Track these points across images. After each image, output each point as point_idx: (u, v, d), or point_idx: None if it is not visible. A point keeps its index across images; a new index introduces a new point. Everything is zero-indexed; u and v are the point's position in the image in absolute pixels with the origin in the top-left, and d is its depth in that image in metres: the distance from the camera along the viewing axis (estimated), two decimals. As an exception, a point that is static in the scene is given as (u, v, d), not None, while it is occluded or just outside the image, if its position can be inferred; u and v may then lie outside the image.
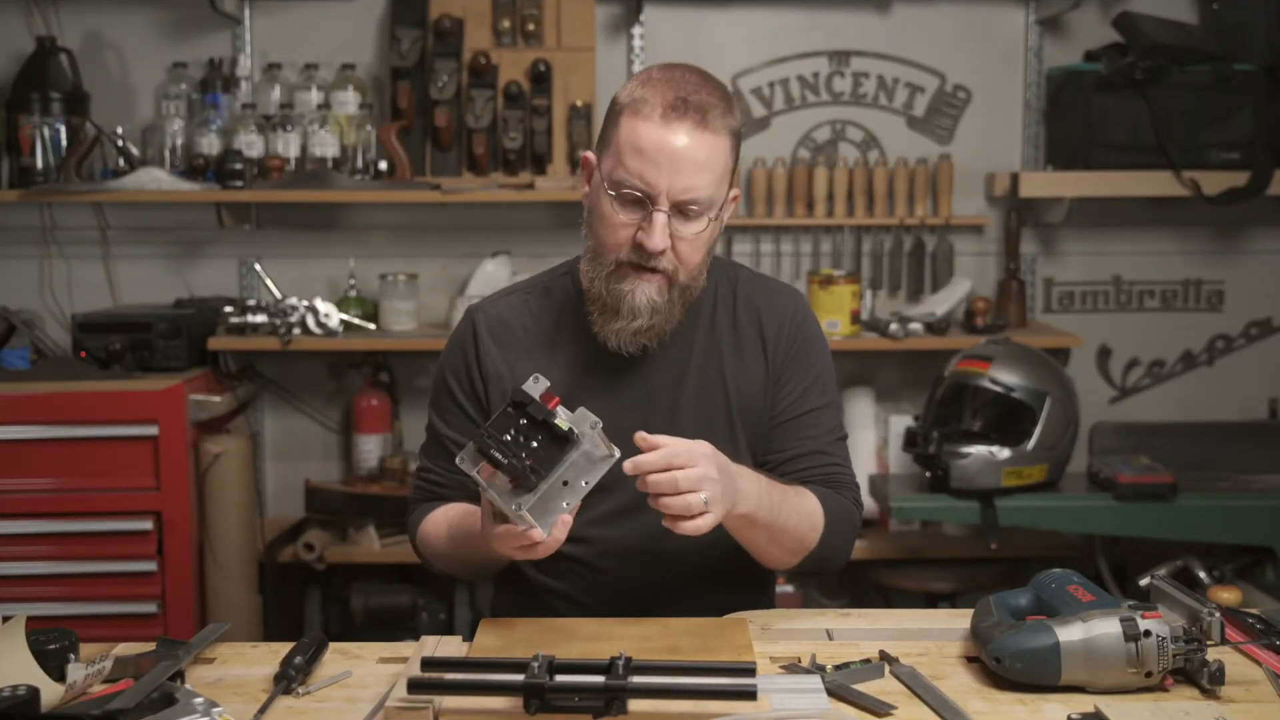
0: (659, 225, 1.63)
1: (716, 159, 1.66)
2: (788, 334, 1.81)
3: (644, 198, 1.63)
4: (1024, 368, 2.97)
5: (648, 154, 1.62)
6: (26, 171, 3.19)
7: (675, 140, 1.62)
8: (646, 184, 1.63)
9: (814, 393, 1.81)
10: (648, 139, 1.63)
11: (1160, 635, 1.38)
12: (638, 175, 1.63)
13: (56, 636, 1.43)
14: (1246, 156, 3.25)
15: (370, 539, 3.23)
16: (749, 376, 1.80)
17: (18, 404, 2.88)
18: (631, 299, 1.67)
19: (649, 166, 1.62)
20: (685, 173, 1.62)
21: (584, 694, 1.29)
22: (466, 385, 1.80)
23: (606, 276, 1.69)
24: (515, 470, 1.43)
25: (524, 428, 1.45)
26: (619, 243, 1.66)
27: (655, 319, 1.69)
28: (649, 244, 1.64)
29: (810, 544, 1.72)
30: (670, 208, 1.64)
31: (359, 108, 3.28)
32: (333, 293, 3.41)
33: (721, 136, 1.66)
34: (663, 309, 1.68)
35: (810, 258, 3.48)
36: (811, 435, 1.80)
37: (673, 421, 1.75)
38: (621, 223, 1.66)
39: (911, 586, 3.25)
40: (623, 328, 1.69)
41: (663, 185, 1.62)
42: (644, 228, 1.64)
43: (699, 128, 1.63)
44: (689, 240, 1.66)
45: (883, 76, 3.49)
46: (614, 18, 3.43)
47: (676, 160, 1.62)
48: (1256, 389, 3.55)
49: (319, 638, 1.54)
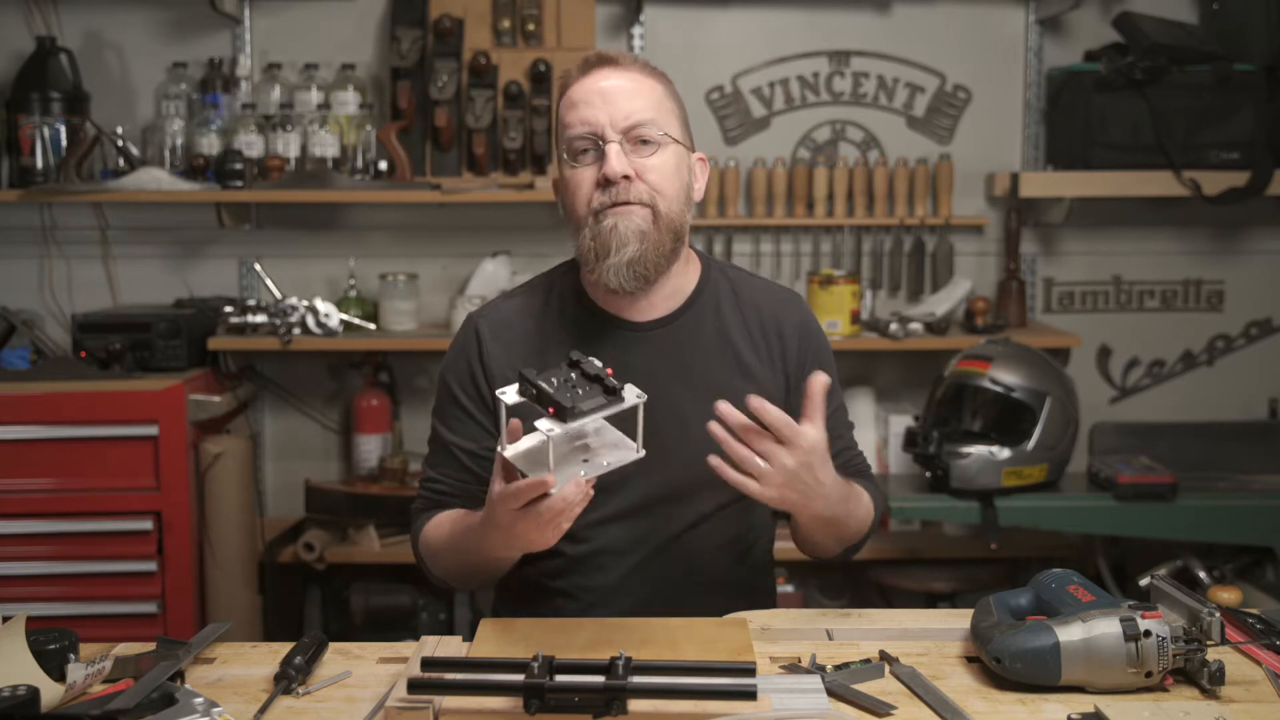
0: (613, 153, 1.68)
1: (646, 89, 1.72)
2: (803, 347, 1.83)
3: (592, 140, 1.69)
4: (1024, 368, 2.97)
5: (579, 102, 1.71)
6: (26, 171, 3.19)
7: (601, 81, 1.71)
8: (587, 124, 1.69)
9: (833, 397, 1.83)
10: (577, 92, 1.72)
11: (1160, 635, 1.38)
12: (580, 122, 1.70)
13: (56, 636, 1.43)
14: (1246, 156, 3.25)
15: (370, 539, 3.23)
16: (761, 383, 1.80)
17: (18, 404, 2.88)
18: (617, 231, 1.68)
19: (584, 109, 1.70)
20: (619, 101, 1.70)
21: (584, 694, 1.29)
22: (472, 390, 1.79)
23: (588, 230, 1.71)
24: (559, 398, 1.42)
25: (574, 379, 1.47)
26: (587, 193, 1.70)
27: (645, 246, 1.69)
28: (609, 170, 1.67)
29: (854, 540, 1.79)
30: (621, 139, 1.69)
31: (359, 108, 3.28)
32: (333, 293, 3.41)
33: (646, 77, 1.74)
34: (651, 236, 1.70)
35: (810, 258, 3.48)
36: (837, 436, 1.83)
37: (679, 416, 1.75)
38: (583, 176, 1.71)
39: (911, 586, 3.25)
40: (617, 262, 1.69)
41: (603, 119, 1.69)
42: (602, 165, 1.69)
43: (618, 68, 1.73)
44: (654, 168, 1.70)
45: (883, 76, 3.49)
46: (614, 18, 3.43)
47: (606, 95, 1.70)
48: (1256, 389, 3.55)
49: (319, 638, 1.53)
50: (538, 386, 1.44)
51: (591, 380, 1.47)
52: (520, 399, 1.47)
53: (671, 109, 1.75)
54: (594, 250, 1.70)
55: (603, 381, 1.46)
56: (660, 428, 1.75)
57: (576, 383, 1.46)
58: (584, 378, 1.47)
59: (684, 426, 1.75)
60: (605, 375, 1.47)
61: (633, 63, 1.74)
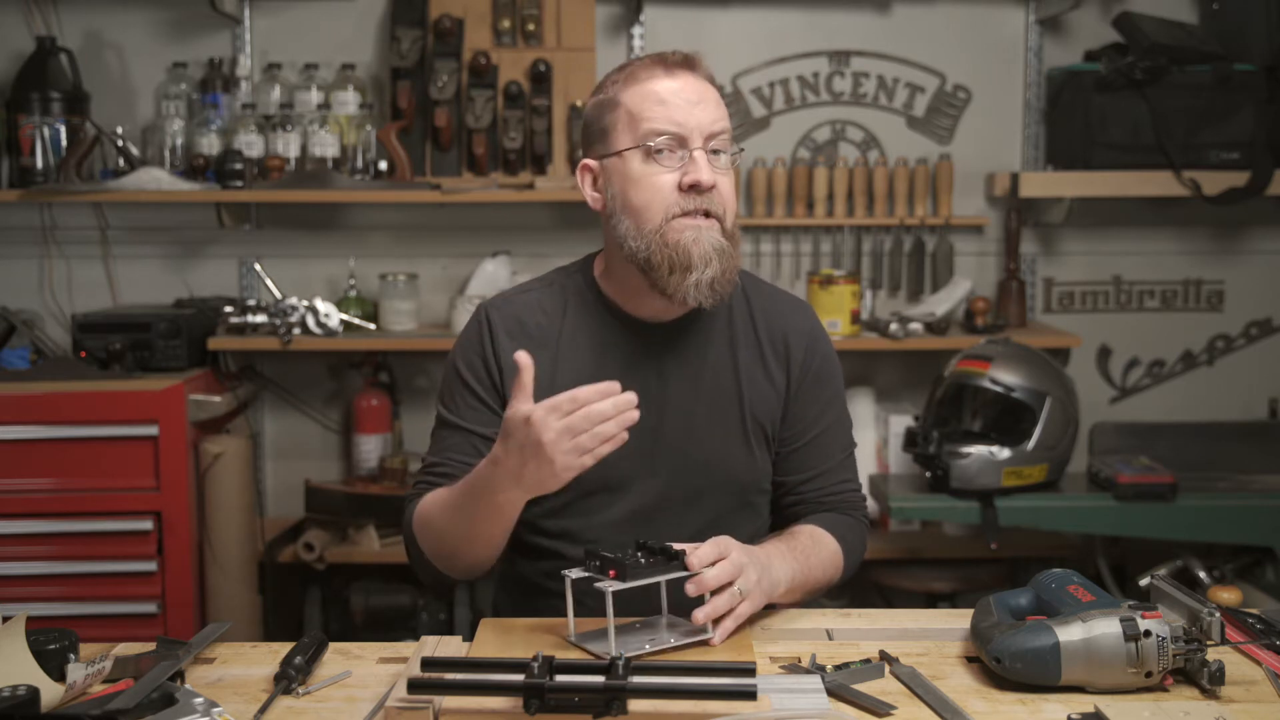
0: (702, 161, 1.66)
1: (719, 100, 1.72)
2: (809, 355, 1.82)
3: (679, 141, 1.67)
4: (1024, 368, 2.97)
5: (669, 101, 1.67)
6: (26, 171, 3.19)
7: (687, 85, 1.69)
8: (679, 125, 1.66)
9: (830, 411, 1.84)
10: (664, 89, 1.68)
11: (1160, 635, 1.38)
12: (668, 121, 1.66)
13: (56, 636, 1.43)
14: (1246, 156, 3.25)
15: (370, 539, 3.23)
16: (768, 388, 1.80)
17: (18, 404, 2.88)
18: (700, 246, 1.65)
19: (675, 110, 1.67)
20: (708, 107, 1.68)
21: (584, 694, 1.29)
22: (484, 375, 1.76)
23: (662, 236, 1.66)
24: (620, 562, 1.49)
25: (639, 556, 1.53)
26: (665, 196, 1.66)
27: (725, 264, 1.67)
28: (701, 179, 1.65)
29: (834, 580, 1.78)
30: (704, 145, 1.67)
31: (359, 108, 3.28)
32: (333, 293, 3.41)
33: (714, 87, 1.73)
34: (728, 253, 1.68)
35: (810, 258, 3.48)
36: (826, 455, 1.83)
37: (688, 419, 1.75)
38: (661, 175, 1.67)
39: (911, 586, 3.25)
40: (699, 279, 1.65)
41: (693, 122, 1.66)
42: (688, 170, 1.66)
43: (696, 75, 1.71)
44: (727, 183, 1.69)
45: (883, 76, 3.49)
46: (614, 18, 3.43)
47: (694, 100, 1.68)
48: (1256, 389, 3.55)
49: (319, 638, 1.53)
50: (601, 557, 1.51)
51: (655, 554, 1.52)
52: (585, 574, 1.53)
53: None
54: (668, 261, 1.66)
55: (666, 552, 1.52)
56: (669, 429, 1.75)
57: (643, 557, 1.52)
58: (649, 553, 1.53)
59: (691, 428, 1.76)
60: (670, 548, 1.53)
61: (700, 67, 1.73)
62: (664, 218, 1.66)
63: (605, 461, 1.70)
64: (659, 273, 1.67)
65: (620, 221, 1.71)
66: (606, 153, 1.72)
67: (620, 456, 1.71)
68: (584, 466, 1.47)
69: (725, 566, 1.52)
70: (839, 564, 1.78)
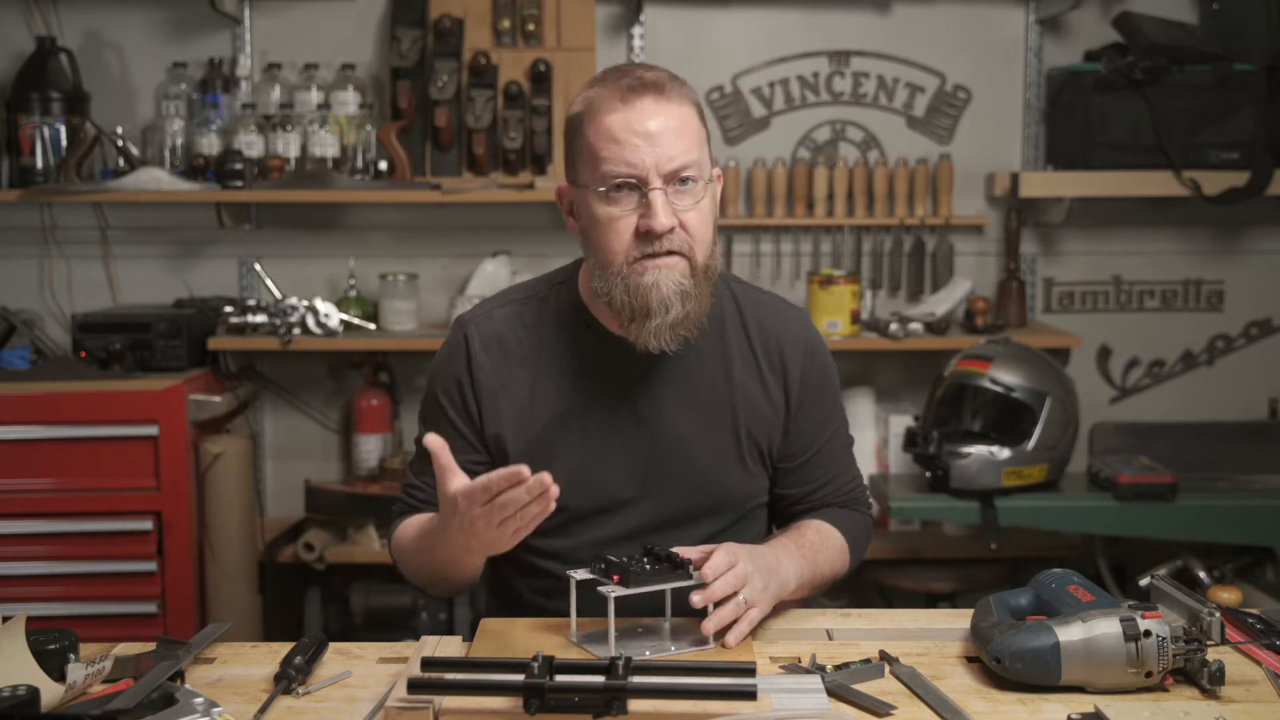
0: (659, 203, 1.58)
1: (688, 125, 1.62)
2: (806, 368, 1.79)
3: (635, 182, 1.59)
4: (1024, 368, 2.97)
5: (623, 139, 1.59)
6: (26, 171, 3.19)
7: (644, 116, 1.59)
8: (633, 166, 1.58)
9: (831, 422, 1.83)
10: (618, 125, 1.59)
11: (1160, 635, 1.38)
12: (622, 162, 1.58)
13: (56, 636, 1.43)
14: (1246, 156, 3.25)
15: (370, 539, 3.23)
16: (765, 404, 1.77)
17: (18, 404, 2.88)
18: (658, 290, 1.59)
19: (629, 150, 1.58)
20: (665, 143, 1.59)
21: (584, 694, 1.29)
22: (459, 402, 1.74)
23: (624, 280, 1.61)
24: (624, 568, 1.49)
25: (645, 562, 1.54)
26: (624, 240, 1.60)
27: (689, 305, 1.61)
28: (656, 224, 1.58)
29: (841, 574, 1.78)
30: (663, 182, 1.59)
31: (359, 108, 3.28)
32: (333, 293, 3.41)
33: (684, 105, 1.63)
34: (693, 293, 1.61)
35: (810, 258, 3.48)
36: (830, 465, 1.82)
37: (680, 441, 1.73)
38: (619, 219, 1.60)
39: (911, 586, 3.25)
40: (659, 324, 1.60)
41: (649, 162, 1.58)
42: (644, 213, 1.59)
43: (660, 98, 1.61)
44: (694, 212, 1.61)
45: (883, 76, 3.49)
46: (614, 18, 3.43)
47: (652, 135, 1.58)
48: (1256, 389, 3.55)
49: (319, 638, 1.53)
50: (607, 561, 1.51)
51: (661, 561, 1.52)
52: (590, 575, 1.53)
53: (704, 136, 1.65)
54: (629, 306, 1.61)
55: (672, 560, 1.52)
56: (662, 450, 1.73)
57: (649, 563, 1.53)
58: (655, 559, 1.53)
59: (686, 449, 1.73)
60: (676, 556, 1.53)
61: (670, 82, 1.62)
62: (624, 260, 1.61)
63: (597, 486, 1.71)
64: (623, 316, 1.63)
65: (589, 256, 1.68)
66: (575, 180, 1.67)
67: (613, 481, 1.72)
68: (521, 536, 1.47)
69: (729, 578, 1.51)
70: (845, 559, 1.78)
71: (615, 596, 1.46)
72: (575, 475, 1.67)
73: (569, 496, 1.61)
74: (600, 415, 1.72)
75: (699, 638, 1.51)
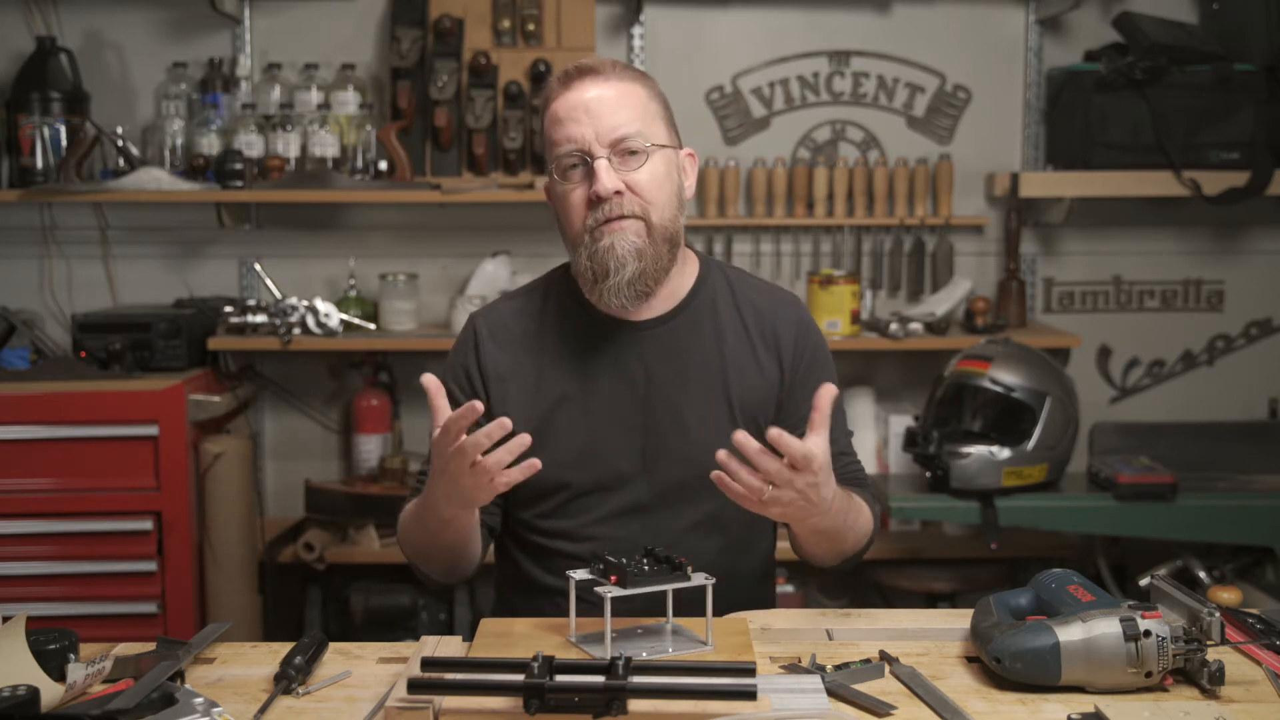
0: (601, 169, 1.68)
1: (630, 97, 1.72)
2: (800, 344, 1.82)
3: (580, 155, 1.70)
4: (1024, 368, 2.97)
5: (564, 118, 1.70)
6: (26, 171, 3.19)
7: (582, 94, 1.70)
8: (574, 140, 1.69)
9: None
10: (563, 108, 1.71)
11: (1160, 635, 1.38)
12: (565, 139, 1.70)
13: (56, 636, 1.43)
14: (1246, 156, 3.25)
15: (370, 539, 3.23)
16: (759, 379, 1.80)
17: (18, 404, 2.88)
18: (613, 250, 1.69)
19: (570, 125, 1.70)
20: (603, 115, 1.69)
21: (584, 694, 1.29)
22: (467, 387, 1.81)
23: (586, 249, 1.71)
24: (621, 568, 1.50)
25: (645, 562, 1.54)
26: (580, 211, 1.71)
27: (643, 263, 1.70)
28: (600, 188, 1.67)
29: (851, 553, 1.78)
30: (609, 153, 1.69)
31: (359, 108, 3.28)
32: (333, 293, 3.41)
33: (627, 82, 1.73)
34: (648, 253, 1.71)
35: (810, 258, 3.48)
36: (834, 441, 1.81)
37: (676, 415, 1.76)
38: (573, 191, 1.71)
39: (911, 586, 3.25)
40: (616, 283, 1.70)
41: (589, 134, 1.69)
42: (592, 182, 1.69)
43: (598, 78, 1.72)
44: (644, 179, 1.70)
45: (883, 76, 3.49)
46: (614, 18, 3.43)
47: (590, 108, 1.69)
48: (1256, 389, 3.55)
49: (319, 638, 1.54)
50: (605, 562, 1.52)
51: (660, 562, 1.53)
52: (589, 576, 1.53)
53: (656, 111, 1.75)
54: (591, 271, 1.71)
55: (671, 561, 1.53)
56: (658, 425, 1.76)
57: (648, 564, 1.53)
58: (655, 560, 1.54)
59: (683, 426, 1.76)
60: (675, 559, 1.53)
61: (612, 69, 1.74)
62: (583, 229, 1.71)
63: (596, 461, 1.75)
64: (588, 286, 1.73)
65: (563, 238, 1.78)
66: (549, 176, 1.78)
67: (611, 455, 1.76)
68: (499, 488, 1.50)
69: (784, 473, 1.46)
70: (864, 536, 1.78)
71: (611, 597, 1.46)
72: (577, 453, 1.75)
73: (572, 474, 1.74)
74: (600, 394, 1.77)
75: (699, 639, 1.51)
